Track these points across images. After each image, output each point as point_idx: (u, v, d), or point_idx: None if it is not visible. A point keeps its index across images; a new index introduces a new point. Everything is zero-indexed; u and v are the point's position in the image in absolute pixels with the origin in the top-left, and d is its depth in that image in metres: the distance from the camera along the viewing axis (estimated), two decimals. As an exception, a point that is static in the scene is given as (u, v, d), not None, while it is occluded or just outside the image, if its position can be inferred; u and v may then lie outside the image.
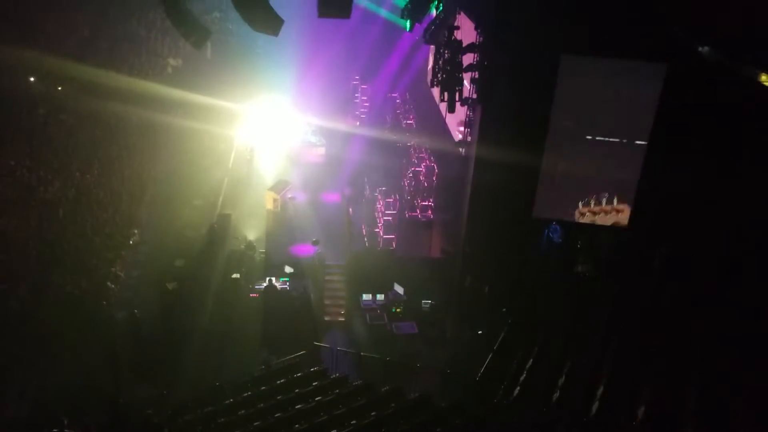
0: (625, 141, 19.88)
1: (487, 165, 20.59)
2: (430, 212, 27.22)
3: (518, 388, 16.90)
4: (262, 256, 24.49)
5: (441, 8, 22.99)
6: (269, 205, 27.42)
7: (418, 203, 27.70)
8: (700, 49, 17.38)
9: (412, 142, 31.70)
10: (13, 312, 19.74)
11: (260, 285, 23.08)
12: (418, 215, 27.43)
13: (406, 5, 21.73)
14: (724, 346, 16.27)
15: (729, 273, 17.86)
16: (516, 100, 19.29)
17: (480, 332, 21.11)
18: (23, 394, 17.55)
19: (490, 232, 21.25)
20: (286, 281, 23.26)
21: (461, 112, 22.71)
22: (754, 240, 17.54)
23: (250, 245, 24.64)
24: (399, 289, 23.55)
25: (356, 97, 36.31)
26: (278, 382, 16.90)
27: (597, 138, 20.09)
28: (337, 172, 30.33)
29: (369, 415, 15.10)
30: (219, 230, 25.19)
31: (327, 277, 24.06)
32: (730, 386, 15.18)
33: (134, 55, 35.22)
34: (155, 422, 14.09)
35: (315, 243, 24.28)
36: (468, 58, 21.18)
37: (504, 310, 20.48)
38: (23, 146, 27.24)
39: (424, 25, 22.93)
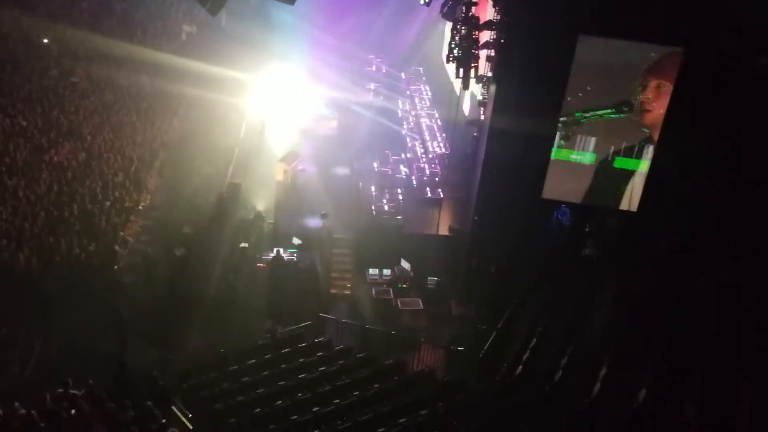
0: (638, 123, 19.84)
1: (499, 144, 20.53)
2: (439, 190, 27.19)
3: (521, 367, 16.96)
4: (271, 226, 24.49)
5: (459, -17, 22.80)
6: (279, 176, 27.37)
7: (428, 181, 27.68)
8: (717, 33, 17.24)
9: (424, 118, 31.63)
10: (20, 273, 19.83)
11: (268, 255, 23.11)
12: (427, 193, 27.42)
13: (423, -20, 21.61)
14: (728, 330, 16.26)
15: (737, 257, 17.82)
16: (531, 80, 19.18)
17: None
18: (29, 354, 17.67)
19: (499, 212, 21.21)
20: (293, 252, 23.27)
21: (475, 89, 22.59)
22: (763, 225, 17.50)
23: (258, 215, 24.63)
24: (406, 265, 23.55)
25: (370, 71, 36.14)
26: (283, 351, 17.01)
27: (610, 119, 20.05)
28: (348, 146, 30.24)
29: (372, 387, 15.21)
30: (228, 199, 25.19)
31: (335, 250, 24.09)
32: (734, 369, 15.19)
33: (149, 19, 35.21)
34: (160, 384, 14.18)
35: (324, 216, 24.26)
36: (485, 36, 21.04)
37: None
38: (35, 107, 27.29)
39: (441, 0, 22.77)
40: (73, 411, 12.98)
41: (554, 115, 20.02)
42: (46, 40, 31.76)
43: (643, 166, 20.02)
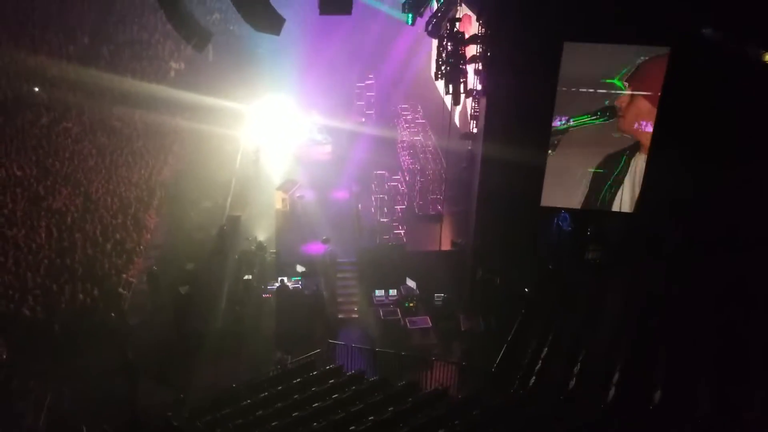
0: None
1: (493, 156, 20.58)
2: (439, 206, 27.21)
3: (534, 377, 16.88)
4: (273, 256, 24.47)
5: (441, 1, 22.92)
6: (278, 205, 27.44)
7: (426, 197, 27.69)
8: (702, 30, 17.30)
9: (418, 136, 31.70)
10: (26, 322, 19.81)
11: (272, 285, 23.06)
12: (427, 209, 27.43)
13: (406, -1, 21.72)
14: (737, 329, 16.21)
15: (740, 256, 17.78)
16: (520, 90, 19.28)
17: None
18: (40, 403, 17.60)
19: (499, 223, 21.22)
20: (298, 280, 23.24)
21: (466, 104, 22.64)
22: (763, 222, 17.48)
23: (260, 246, 24.63)
24: (411, 283, 23.49)
25: (360, 94, 36.28)
26: (294, 381, 16.90)
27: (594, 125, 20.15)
28: (344, 169, 30.29)
29: (386, 411, 15.08)
30: (229, 232, 25.20)
31: (339, 275, 24.04)
32: (745, 368, 15.13)
33: (136, 60, 35.42)
34: (174, 425, 14.11)
35: (325, 241, 24.26)
36: (471, 50, 21.13)
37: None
38: (29, 156, 27.40)
39: (425, 18, 22.87)
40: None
41: (546, 122, 20.09)
42: (36, 88, 31.92)
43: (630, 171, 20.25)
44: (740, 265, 17.52)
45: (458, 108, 24.14)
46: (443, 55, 21.48)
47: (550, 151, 20.48)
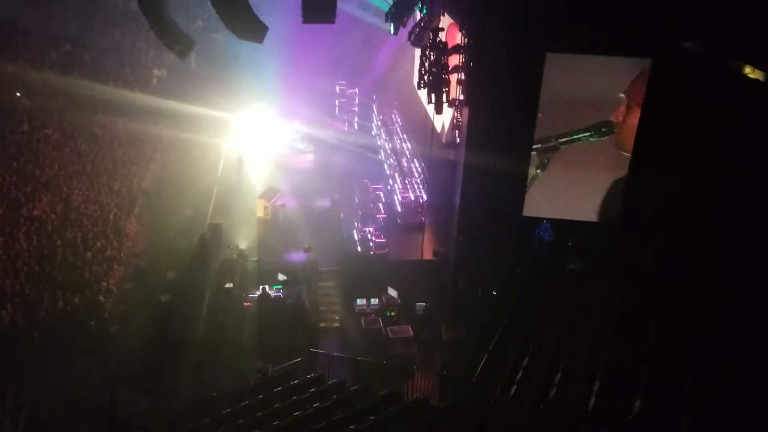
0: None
1: (475, 166, 20.66)
2: (421, 215, 27.24)
3: (515, 386, 16.89)
4: (255, 264, 24.40)
5: (425, 11, 23.03)
6: (260, 213, 27.37)
7: (409, 206, 27.73)
8: (683, 42, 17.48)
9: (400, 145, 31.77)
10: (6, 330, 19.61)
11: (254, 294, 22.99)
12: (409, 218, 27.45)
13: (390, 9, 21.76)
14: (715, 339, 16.34)
15: (719, 267, 17.93)
16: (502, 100, 19.34)
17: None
18: (19, 412, 17.42)
19: (481, 233, 21.27)
20: (279, 289, 23.18)
21: (448, 113, 22.73)
22: (742, 233, 17.63)
23: (242, 254, 24.56)
24: (393, 292, 23.51)
25: (342, 102, 36.35)
26: (275, 390, 16.85)
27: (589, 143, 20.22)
28: (326, 178, 30.32)
29: (367, 420, 15.06)
30: (210, 240, 25.10)
31: (321, 283, 24.01)
32: (725, 377, 15.24)
33: (118, 66, 35.29)
34: (154, 435, 14.04)
35: (307, 250, 24.22)
36: (454, 60, 21.22)
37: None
38: (9, 162, 27.16)
39: (408, 28, 22.96)
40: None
41: (528, 132, 20.16)
42: (17, 94, 31.69)
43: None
44: (721, 276, 17.67)
45: (441, 117, 24.22)
46: (426, 64, 21.56)
47: (539, 171, 20.48)
